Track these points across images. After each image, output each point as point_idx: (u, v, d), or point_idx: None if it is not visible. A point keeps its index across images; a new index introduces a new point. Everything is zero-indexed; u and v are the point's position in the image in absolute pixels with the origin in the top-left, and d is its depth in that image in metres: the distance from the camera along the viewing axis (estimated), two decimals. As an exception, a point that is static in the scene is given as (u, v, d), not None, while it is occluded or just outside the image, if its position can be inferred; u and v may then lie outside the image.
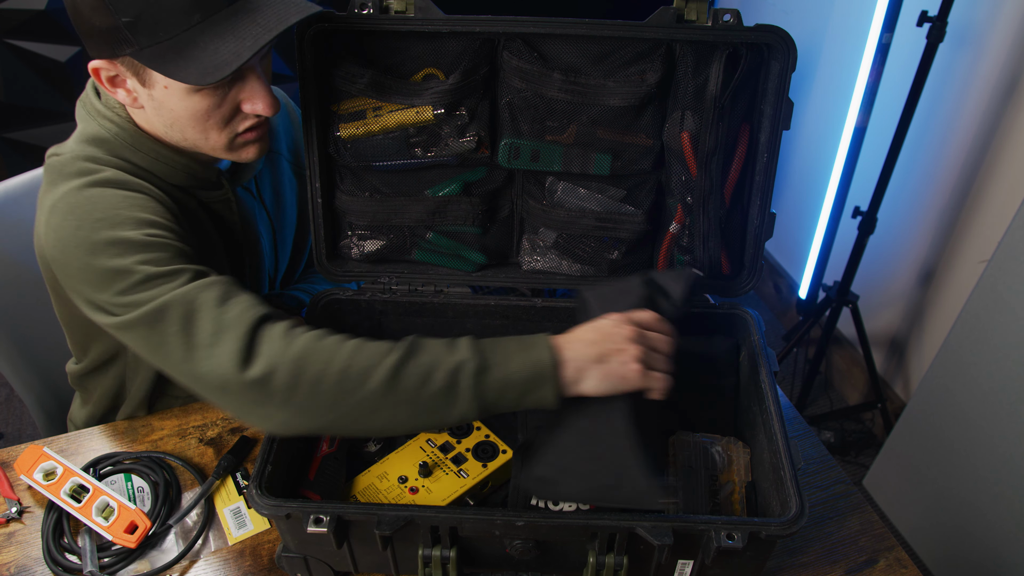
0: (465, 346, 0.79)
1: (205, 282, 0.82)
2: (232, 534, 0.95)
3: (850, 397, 2.31)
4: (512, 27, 0.89)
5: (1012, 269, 1.38)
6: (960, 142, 1.80)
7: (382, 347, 0.78)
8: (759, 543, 0.78)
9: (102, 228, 0.85)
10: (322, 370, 0.76)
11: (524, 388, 0.77)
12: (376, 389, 0.76)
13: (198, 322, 0.79)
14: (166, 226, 0.88)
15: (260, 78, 0.87)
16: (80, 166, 0.90)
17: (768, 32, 0.88)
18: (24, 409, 2.22)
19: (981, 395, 1.49)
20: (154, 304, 0.80)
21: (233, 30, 0.80)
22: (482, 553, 0.84)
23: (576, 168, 0.98)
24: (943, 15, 1.56)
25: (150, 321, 0.80)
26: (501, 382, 0.77)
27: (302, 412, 0.77)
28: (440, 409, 0.77)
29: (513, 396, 0.77)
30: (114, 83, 0.87)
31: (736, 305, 1.06)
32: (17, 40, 2.09)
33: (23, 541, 0.94)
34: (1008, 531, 1.47)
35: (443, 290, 1.06)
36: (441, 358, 0.77)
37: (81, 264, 0.85)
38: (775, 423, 0.88)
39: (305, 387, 0.76)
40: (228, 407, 0.80)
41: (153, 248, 0.84)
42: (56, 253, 0.87)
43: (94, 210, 0.86)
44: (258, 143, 0.94)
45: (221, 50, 0.79)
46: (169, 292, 0.81)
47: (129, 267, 0.83)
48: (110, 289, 0.83)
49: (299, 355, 0.77)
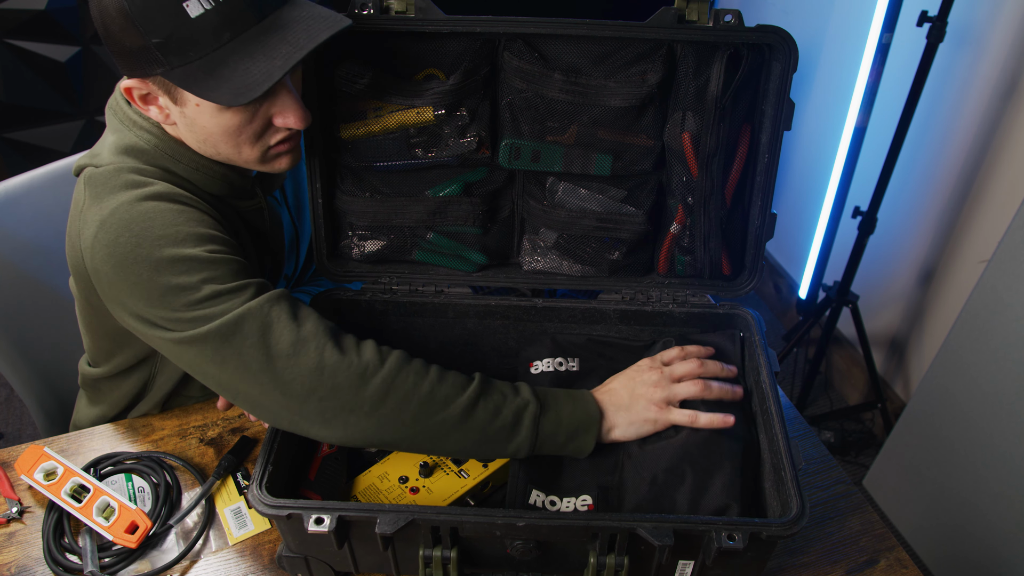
0: (527, 390, 0.89)
1: (274, 295, 0.86)
2: (233, 534, 0.95)
3: (850, 397, 2.31)
4: (513, 27, 0.89)
5: (1012, 269, 1.38)
6: (960, 142, 1.80)
7: (460, 378, 0.87)
8: (760, 543, 0.78)
9: (164, 245, 0.85)
10: (411, 389, 0.84)
11: (571, 433, 0.88)
12: (454, 416, 0.84)
13: (275, 333, 0.83)
14: (224, 240, 0.90)
15: (291, 93, 0.87)
16: (127, 178, 0.89)
17: (769, 32, 0.88)
18: (24, 409, 2.22)
19: (981, 395, 1.49)
20: (227, 318, 0.83)
21: (263, 49, 0.80)
22: (483, 553, 0.84)
23: (577, 168, 0.98)
24: (943, 15, 1.56)
25: (224, 335, 0.83)
26: (555, 425, 0.88)
27: (385, 423, 0.84)
28: (502, 441, 0.86)
29: (561, 440, 0.88)
30: (146, 101, 0.87)
31: (736, 305, 1.06)
32: (17, 40, 2.09)
33: (24, 541, 0.94)
34: (1008, 531, 1.47)
35: (444, 290, 1.06)
36: (509, 398, 0.87)
37: (140, 280, 0.85)
38: (775, 423, 0.88)
39: (394, 401, 0.83)
40: (306, 413, 0.83)
41: (217, 264, 0.86)
42: (107, 268, 0.86)
43: (152, 226, 0.86)
44: (291, 154, 0.94)
45: (252, 70, 0.79)
46: (241, 306, 0.84)
47: (196, 284, 0.84)
48: (173, 306, 0.84)
49: (393, 369, 0.84)
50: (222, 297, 0.84)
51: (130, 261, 0.85)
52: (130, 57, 0.81)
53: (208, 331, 0.83)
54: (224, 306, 0.84)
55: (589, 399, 0.91)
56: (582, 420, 0.89)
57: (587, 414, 0.89)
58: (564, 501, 0.90)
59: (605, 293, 1.07)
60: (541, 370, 1.03)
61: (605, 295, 1.07)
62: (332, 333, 0.85)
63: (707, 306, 1.06)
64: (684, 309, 1.05)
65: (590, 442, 0.89)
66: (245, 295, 0.85)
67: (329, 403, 0.82)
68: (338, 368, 0.82)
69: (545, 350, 1.05)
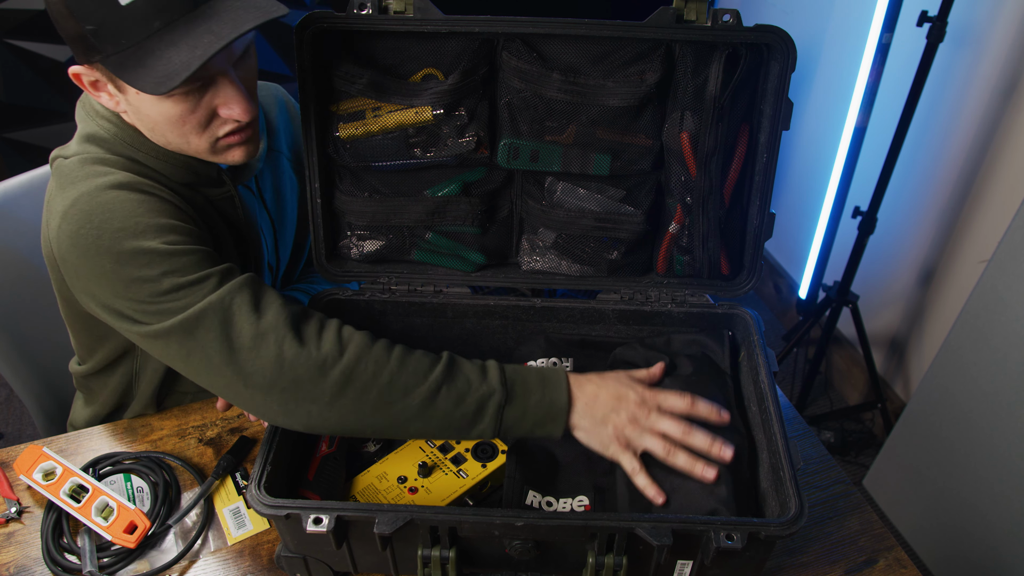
0: (495, 375, 0.86)
1: (235, 284, 0.85)
2: (231, 534, 0.95)
3: (850, 397, 2.31)
4: (511, 27, 0.89)
5: (1012, 269, 1.38)
6: (960, 142, 1.79)
7: (424, 363, 0.86)
8: (758, 543, 0.78)
9: (124, 238, 0.85)
10: (371, 380, 0.83)
11: (537, 422, 0.86)
12: (415, 405, 0.83)
13: (236, 326, 0.83)
14: (186, 230, 0.89)
15: (233, 83, 0.86)
16: (89, 169, 0.90)
17: (768, 32, 0.88)
18: (24, 409, 2.22)
19: (981, 395, 1.49)
20: (189, 312, 0.83)
21: (188, 38, 0.79)
22: (481, 553, 0.84)
23: (575, 168, 0.98)
24: (943, 15, 1.56)
25: (187, 328, 0.83)
26: (520, 413, 0.86)
27: (346, 414, 0.83)
28: (465, 428, 0.85)
29: (527, 427, 0.86)
30: (96, 87, 0.87)
31: (736, 305, 1.06)
32: (17, 40, 2.09)
33: (22, 541, 0.94)
34: (1008, 531, 1.47)
35: (442, 290, 1.06)
36: (474, 385, 0.85)
37: (104, 272, 0.85)
38: (775, 423, 0.88)
39: (354, 392, 0.83)
40: (269, 404, 0.83)
41: (177, 257, 0.85)
42: (72, 258, 0.87)
43: (112, 217, 0.86)
44: (244, 146, 0.94)
45: (174, 59, 0.79)
46: (202, 299, 0.83)
47: (156, 277, 0.84)
48: (137, 299, 0.85)
49: (352, 360, 0.83)
50: (183, 290, 0.84)
51: (93, 252, 0.85)
52: (73, 44, 0.82)
53: (171, 326, 0.83)
54: (186, 300, 0.84)
55: (560, 388, 0.87)
56: (548, 411, 0.86)
57: (554, 405, 0.86)
58: (560, 502, 0.90)
59: (604, 293, 1.07)
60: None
61: (604, 295, 1.07)
62: (293, 322, 0.84)
63: (706, 306, 1.06)
64: (683, 309, 1.05)
65: (557, 431, 0.87)
66: (207, 287, 0.84)
67: (290, 395, 0.82)
68: (297, 361, 0.82)
69: (539, 349, 1.05)
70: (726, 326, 1.06)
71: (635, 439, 0.87)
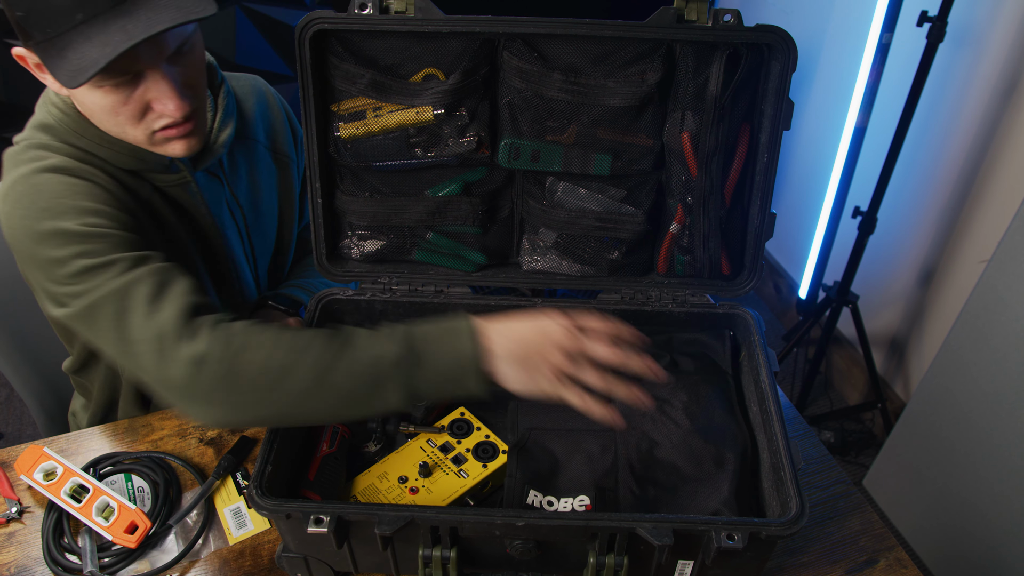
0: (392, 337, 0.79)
1: (140, 273, 0.83)
2: (232, 534, 0.95)
3: (850, 397, 2.31)
4: (512, 27, 0.89)
5: (1012, 269, 1.38)
6: (960, 142, 1.80)
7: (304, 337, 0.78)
8: (759, 543, 0.78)
9: (45, 218, 0.85)
10: (249, 365, 0.77)
11: (449, 379, 0.78)
12: (306, 383, 0.76)
13: (129, 319, 0.80)
14: (108, 214, 0.89)
15: (165, 78, 0.86)
16: (29, 153, 0.91)
17: (768, 32, 0.88)
18: (24, 409, 2.22)
19: (981, 395, 1.49)
20: (88, 299, 0.82)
21: (103, 35, 0.79)
22: (482, 553, 0.84)
23: (576, 168, 0.98)
24: (943, 15, 1.56)
25: (86, 316, 0.82)
26: (428, 374, 0.77)
27: (237, 409, 0.78)
28: (369, 400, 0.77)
29: (439, 387, 0.78)
30: (41, 69, 0.87)
31: (736, 305, 1.06)
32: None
33: (23, 541, 0.94)
34: (1008, 531, 1.47)
35: (443, 290, 1.06)
36: (369, 350, 0.77)
37: (30, 253, 0.86)
38: (775, 423, 0.88)
39: (228, 386, 0.77)
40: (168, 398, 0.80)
41: (92, 239, 0.85)
42: (11, 242, 0.88)
43: (39, 199, 0.86)
44: (184, 140, 0.93)
45: (88, 54, 0.79)
46: (102, 286, 0.82)
47: (66, 258, 0.84)
48: (54, 280, 0.85)
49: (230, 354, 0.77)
50: (90, 272, 0.83)
51: (20, 234, 0.86)
52: (14, 27, 0.82)
53: (77, 311, 0.83)
54: (90, 284, 0.82)
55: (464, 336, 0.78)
56: (456, 366, 0.77)
57: (461, 356, 0.77)
58: (562, 501, 0.90)
59: (604, 293, 1.07)
60: None
61: (604, 295, 1.07)
62: (182, 318, 0.79)
63: (706, 306, 1.06)
64: (683, 309, 1.05)
65: (476, 387, 0.78)
66: (112, 271, 0.83)
67: (177, 393, 0.79)
68: (176, 360, 0.77)
69: None
70: (727, 326, 1.06)
71: (576, 373, 0.78)
